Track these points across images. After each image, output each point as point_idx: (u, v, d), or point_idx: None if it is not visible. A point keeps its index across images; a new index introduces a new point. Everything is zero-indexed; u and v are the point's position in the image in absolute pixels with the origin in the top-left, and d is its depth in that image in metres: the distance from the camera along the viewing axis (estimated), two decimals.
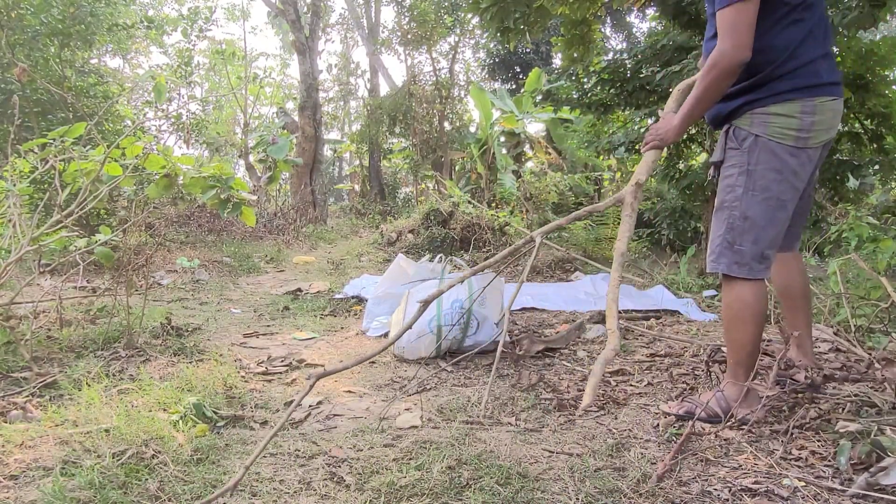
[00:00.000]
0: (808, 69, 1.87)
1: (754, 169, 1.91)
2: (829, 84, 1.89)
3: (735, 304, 1.95)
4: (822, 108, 1.87)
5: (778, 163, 1.89)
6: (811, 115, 1.86)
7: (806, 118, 1.86)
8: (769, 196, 1.90)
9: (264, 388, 2.45)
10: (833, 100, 1.90)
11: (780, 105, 1.87)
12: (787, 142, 1.88)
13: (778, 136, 1.88)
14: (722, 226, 1.99)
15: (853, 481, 1.53)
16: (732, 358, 1.99)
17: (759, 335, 1.94)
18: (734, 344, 1.98)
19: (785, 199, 1.91)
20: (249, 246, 8.22)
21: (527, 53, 15.38)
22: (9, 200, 3.08)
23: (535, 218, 8.54)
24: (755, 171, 1.91)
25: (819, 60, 1.88)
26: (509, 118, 11.72)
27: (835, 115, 1.92)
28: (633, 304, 4.33)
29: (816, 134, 1.89)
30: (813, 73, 1.88)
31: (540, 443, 1.86)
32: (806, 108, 1.87)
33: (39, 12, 7.10)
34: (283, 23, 16.98)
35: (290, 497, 1.52)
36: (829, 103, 1.88)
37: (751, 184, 1.92)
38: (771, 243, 1.94)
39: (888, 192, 8.50)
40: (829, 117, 1.89)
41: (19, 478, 1.59)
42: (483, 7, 4.83)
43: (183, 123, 11.01)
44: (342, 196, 21.94)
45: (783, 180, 1.90)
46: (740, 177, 1.94)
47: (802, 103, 1.87)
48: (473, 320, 2.93)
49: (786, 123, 1.87)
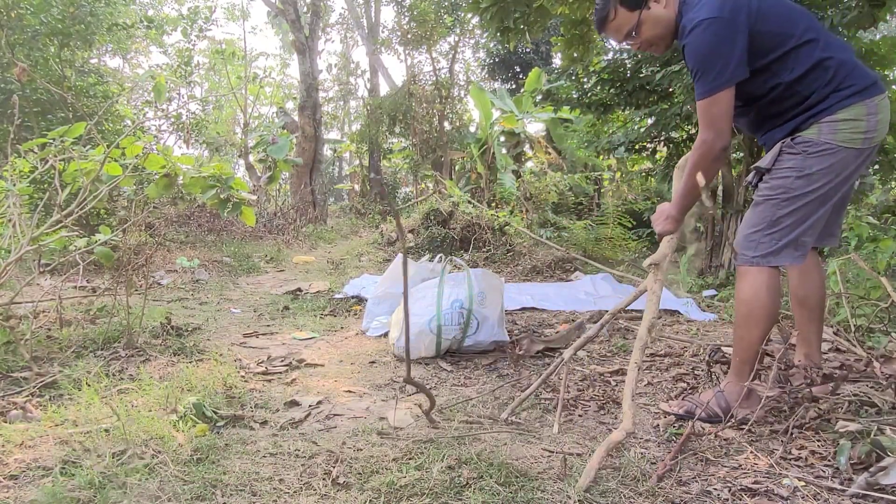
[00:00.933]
0: (858, 72, 1.91)
1: (813, 173, 1.90)
2: (878, 82, 1.92)
3: (751, 301, 1.95)
4: (882, 106, 1.90)
5: (840, 166, 1.90)
6: (875, 114, 1.89)
7: (871, 119, 1.89)
8: (821, 196, 1.92)
9: (264, 388, 2.45)
10: (886, 96, 1.92)
11: (847, 110, 1.88)
12: (856, 145, 1.89)
13: (847, 141, 1.88)
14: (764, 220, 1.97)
15: (853, 481, 1.53)
16: (739, 356, 1.99)
17: (767, 335, 1.94)
18: (742, 342, 1.98)
19: (832, 195, 1.94)
20: (249, 246, 8.22)
21: (527, 53, 15.38)
22: (9, 200, 3.08)
23: (535, 218, 8.54)
24: (813, 174, 1.91)
25: (858, 61, 1.93)
26: (509, 118, 11.71)
27: (888, 110, 1.93)
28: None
29: (879, 132, 1.91)
30: (863, 74, 1.91)
31: (540, 443, 1.86)
32: (870, 108, 1.89)
33: (39, 12, 7.10)
34: (282, 22, 16.98)
35: (290, 497, 1.52)
36: (884, 101, 1.91)
37: (808, 186, 1.91)
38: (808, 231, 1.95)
39: (888, 192, 8.50)
40: (886, 114, 1.92)
41: (19, 477, 1.59)
42: (483, 7, 4.82)
43: (183, 123, 11.01)
44: (342, 196, 21.94)
45: (842, 182, 1.93)
46: (798, 180, 1.92)
47: (867, 105, 1.88)
48: (473, 320, 2.93)
49: (854, 127, 1.88)
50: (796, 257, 1.95)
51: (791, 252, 1.95)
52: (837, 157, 1.89)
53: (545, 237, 7.54)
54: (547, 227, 8.30)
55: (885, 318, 2.97)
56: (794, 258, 1.95)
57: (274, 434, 1.93)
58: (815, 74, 1.91)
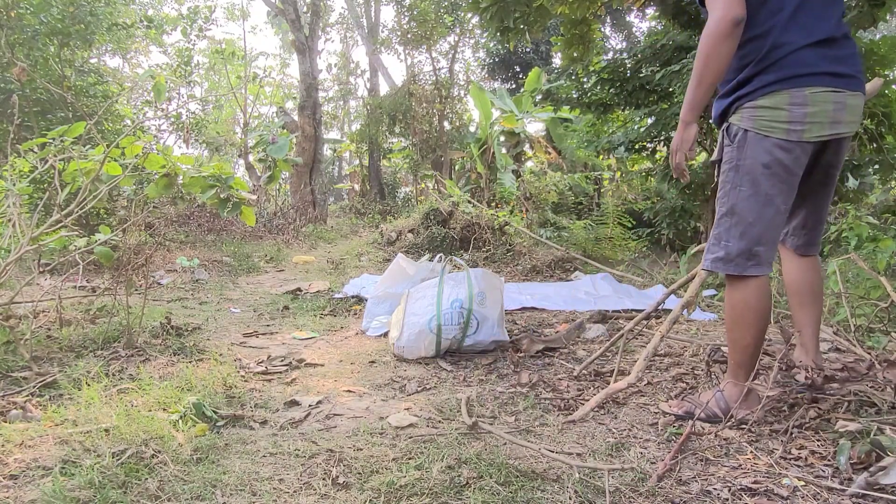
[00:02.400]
0: (794, 58, 1.79)
1: (742, 163, 1.85)
2: (826, 74, 1.78)
3: (738, 305, 1.91)
4: (816, 99, 1.78)
5: (766, 157, 1.82)
6: (803, 106, 1.78)
7: (796, 109, 1.78)
8: (757, 191, 1.84)
9: (264, 388, 2.45)
10: (833, 91, 1.78)
11: (768, 97, 1.81)
12: (777, 135, 1.80)
13: (766, 129, 1.81)
14: (716, 224, 1.96)
15: (853, 481, 1.53)
16: (734, 358, 1.97)
17: (761, 336, 1.91)
18: (736, 345, 1.94)
19: (773, 195, 1.83)
20: (249, 245, 8.22)
21: (526, 53, 15.38)
22: (8, 200, 3.08)
23: (535, 217, 8.54)
24: (743, 165, 1.85)
25: (807, 49, 1.79)
26: (509, 118, 11.71)
27: (839, 108, 1.80)
28: (632, 303, 4.33)
29: (812, 127, 1.79)
30: (799, 61, 1.78)
31: (540, 442, 1.86)
32: (795, 98, 1.78)
33: (39, 12, 7.10)
34: (282, 22, 16.97)
35: (289, 497, 1.52)
36: (826, 94, 1.78)
37: (738, 179, 1.86)
38: (760, 240, 1.86)
39: (888, 192, 8.50)
40: (829, 109, 1.78)
41: (19, 477, 1.59)
42: (483, 6, 4.82)
43: (182, 123, 11.01)
44: (342, 196, 21.94)
45: (771, 175, 1.82)
46: (730, 172, 1.89)
47: (790, 94, 1.78)
48: (473, 320, 2.93)
49: (773, 116, 1.80)
50: (750, 267, 1.86)
51: (743, 262, 1.87)
52: (757, 145, 1.82)
53: (545, 237, 7.54)
54: (547, 227, 8.30)
55: (884, 317, 2.97)
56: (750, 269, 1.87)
57: (274, 434, 1.93)
58: (753, 45, 1.83)
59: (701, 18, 5.20)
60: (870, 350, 2.68)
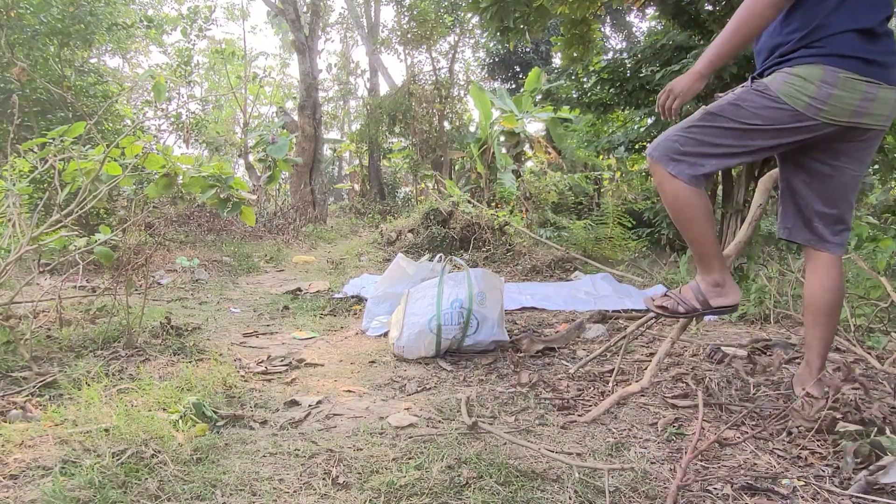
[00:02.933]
0: (837, 39, 1.77)
1: (745, 106, 1.85)
2: (864, 61, 1.76)
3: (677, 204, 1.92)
4: (846, 84, 1.76)
5: (773, 117, 1.82)
6: (832, 86, 1.76)
7: (824, 88, 1.76)
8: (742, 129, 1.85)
9: (264, 388, 2.45)
10: (866, 81, 1.76)
11: (804, 67, 1.79)
12: (796, 105, 1.79)
13: (787, 96, 1.80)
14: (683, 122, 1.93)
15: (853, 481, 1.53)
16: (695, 254, 2.00)
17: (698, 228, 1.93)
18: (694, 241, 1.98)
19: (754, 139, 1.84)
20: (249, 245, 8.22)
21: (526, 53, 15.38)
22: (8, 200, 3.08)
23: (535, 217, 8.54)
24: (744, 108, 1.85)
25: (850, 34, 1.77)
26: (509, 118, 11.72)
27: (868, 98, 1.77)
28: (632, 303, 4.33)
29: (832, 109, 1.77)
30: (842, 43, 1.77)
31: (540, 442, 1.86)
32: (828, 76, 1.76)
33: (39, 11, 7.10)
34: (282, 22, 16.97)
35: (289, 497, 1.52)
36: (857, 83, 1.76)
37: (734, 114, 1.85)
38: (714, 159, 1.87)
39: (888, 192, 8.50)
40: (856, 98, 1.76)
41: (19, 477, 1.59)
42: (483, 6, 4.83)
43: (182, 123, 11.01)
44: (342, 196, 21.94)
45: (770, 133, 1.84)
46: (729, 105, 1.87)
47: (825, 70, 1.77)
48: (473, 320, 2.92)
49: (802, 86, 1.78)
50: (686, 174, 1.87)
51: (684, 166, 1.87)
52: (773, 105, 1.82)
53: (545, 237, 7.54)
54: (547, 227, 8.30)
55: (884, 317, 2.97)
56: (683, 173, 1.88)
57: (274, 434, 1.93)
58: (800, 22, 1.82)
59: (701, 18, 5.20)
60: (870, 350, 2.69)
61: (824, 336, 2.00)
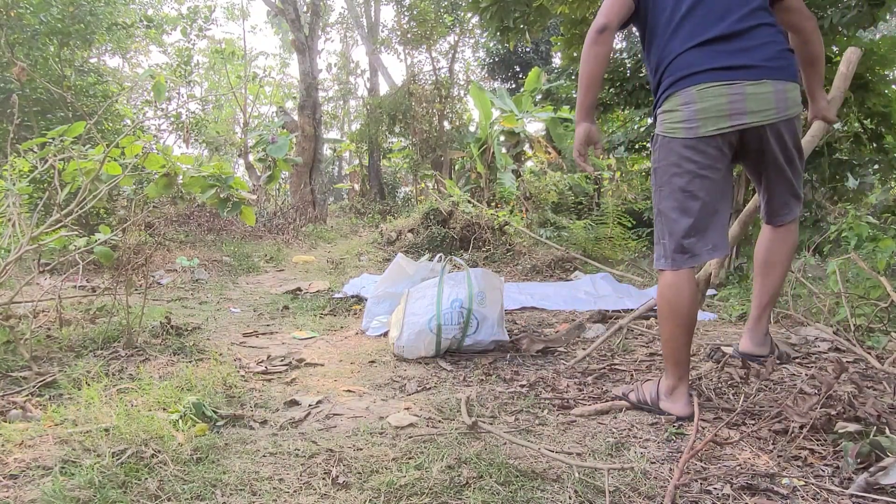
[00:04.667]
0: (678, 61, 1.91)
1: (658, 166, 2.00)
2: (715, 69, 1.85)
3: (658, 300, 2.03)
4: (704, 95, 1.86)
5: (674, 157, 1.94)
6: (692, 103, 1.88)
7: (687, 108, 1.89)
8: (673, 189, 1.96)
9: (264, 388, 2.45)
10: (724, 84, 1.85)
11: (667, 101, 1.95)
12: (678, 135, 1.92)
13: (670, 131, 1.94)
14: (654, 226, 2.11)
15: (853, 481, 1.53)
16: (664, 351, 2.06)
17: (676, 333, 1.98)
18: (661, 337, 2.07)
19: (692, 190, 1.93)
20: (249, 245, 8.22)
21: (526, 53, 15.37)
22: (8, 200, 3.08)
23: (535, 217, 8.54)
24: (659, 168, 2.00)
25: (691, 51, 1.89)
26: (509, 117, 11.71)
27: (737, 99, 1.85)
28: (632, 303, 4.33)
29: (705, 122, 1.87)
30: (684, 64, 1.90)
31: (540, 442, 1.86)
32: (685, 98, 1.89)
33: (39, 11, 7.10)
34: (282, 22, 16.96)
35: (289, 497, 1.52)
36: (716, 88, 1.85)
37: (657, 180, 2.01)
38: (688, 233, 1.95)
39: (888, 192, 8.50)
40: (722, 102, 1.85)
41: (19, 477, 1.59)
42: (483, 6, 4.82)
43: (182, 122, 11.01)
44: (342, 195, 21.94)
45: (683, 172, 1.93)
46: (652, 176, 2.04)
47: (680, 95, 1.90)
48: (473, 319, 2.93)
49: (672, 118, 1.93)
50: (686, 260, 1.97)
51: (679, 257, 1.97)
52: (666, 147, 1.95)
53: (545, 237, 7.54)
54: (547, 227, 8.30)
55: (884, 317, 2.98)
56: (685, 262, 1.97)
57: (274, 434, 1.93)
58: (656, 59, 1.99)
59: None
60: (870, 350, 2.69)
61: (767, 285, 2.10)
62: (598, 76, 2.01)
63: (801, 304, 3.62)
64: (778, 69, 1.87)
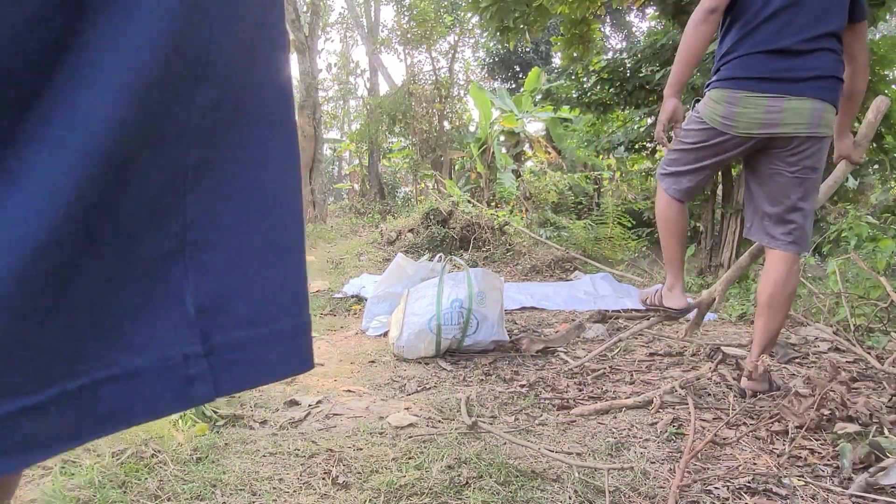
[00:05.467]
0: (741, 62, 2.04)
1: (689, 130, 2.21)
2: (765, 80, 2.00)
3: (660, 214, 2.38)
4: (746, 102, 2.02)
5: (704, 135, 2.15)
6: (733, 105, 2.04)
7: (728, 107, 2.05)
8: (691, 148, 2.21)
9: (264, 388, 2.45)
10: (768, 96, 1.99)
11: (714, 91, 2.11)
12: (714, 124, 2.11)
13: (707, 117, 2.13)
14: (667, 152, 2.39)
15: (852, 481, 1.53)
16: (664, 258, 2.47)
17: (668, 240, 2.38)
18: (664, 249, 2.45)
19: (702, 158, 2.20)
20: None
21: (526, 52, 15.39)
22: None
23: (535, 217, 8.54)
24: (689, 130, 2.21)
25: (755, 56, 2.01)
26: (509, 117, 11.71)
27: (774, 111, 1.99)
28: (632, 303, 4.33)
29: (739, 125, 2.04)
30: (744, 65, 2.03)
31: (539, 442, 1.86)
32: (730, 98, 2.05)
33: None
34: None
35: (289, 496, 1.52)
36: (758, 99, 2.00)
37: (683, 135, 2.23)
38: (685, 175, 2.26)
39: (887, 192, 8.51)
40: (759, 112, 2.00)
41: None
42: (483, 6, 4.83)
43: None
44: (342, 195, 21.93)
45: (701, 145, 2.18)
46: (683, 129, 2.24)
47: (728, 93, 2.06)
48: (473, 319, 2.92)
49: (713, 108, 2.10)
50: (672, 189, 2.29)
51: (671, 181, 2.30)
52: (701, 126, 2.16)
53: (545, 237, 7.54)
54: (546, 227, 8.30)
55: (884, 317, 2.98)
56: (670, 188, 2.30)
57: (274, 433, 1.93)
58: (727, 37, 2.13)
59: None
60: (870, 350, 2.69)
61: (764, 327, 2.16)
62: (698, 53, 2.09)
63: (801, 304, 3.62)
64: (823, 89, 1.99)
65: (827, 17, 2.00)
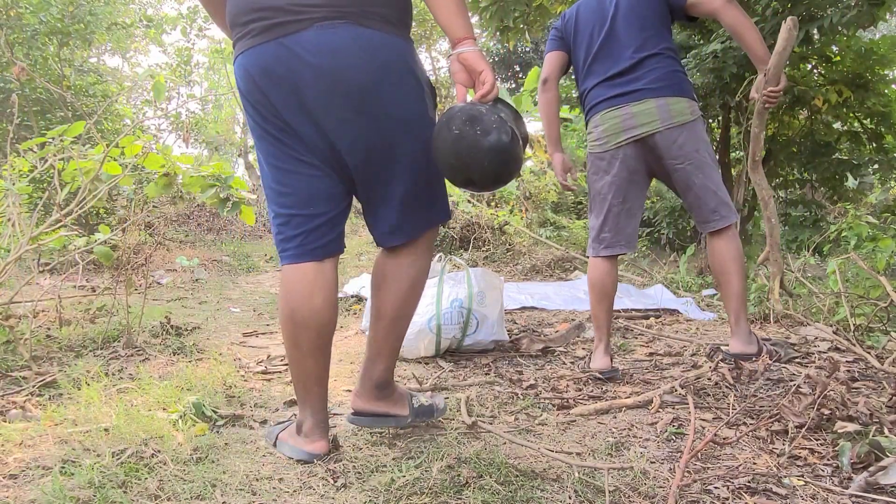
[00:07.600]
0: (588, 96, 2.51)
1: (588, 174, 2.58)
2: (606, 99, 2.43)
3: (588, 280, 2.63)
4: (606, 118, 2.44)
5: (593, 166, 2.53)
6: (599, 125, 2.47)
7: (596, 129, 2.49)
8: (593, 194, 2.55)
9: (264, 387, 2.45)
10: (617, 108, 2.40)
11: (588, 126, 2.53)
12: (594, 150, 2.52)
13: (590, 147, 2.55)
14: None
15: (852, 480, 1.53)
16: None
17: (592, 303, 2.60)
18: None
19: (605, 194, 2.48)
20: (249, 245, 8.23)
21: (526, 52, 15.38)
22: (8, 199, 3.08)
23: (535, 217, 8.54)
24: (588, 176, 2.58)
25: (596, 87, 2.46)
26: None
27: (627, 117, 2.38)
28: (632, 303, 4.33)
29: (609, 137, 2.43)
30: (593, 97, 2.49)
31: (539, 442, 1.86)
32: (594, 122, 2.50)
33: (38, 11, 7.10)
34: None
35: (289, 497, 1.52)
36: (612, 112, 2.41)
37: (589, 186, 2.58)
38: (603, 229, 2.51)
39: (887, 192, 8.51)
40: (617, 122, 2.40)
41: (19, 477, 1.59)
42: (482, 6, 4.83)
43: (182, 122, 11.01)
44: None
45: (598, 179, 2.52)
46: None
47: (592, 120, 2.51)
48: (473, 319, 2.92)
49: (589, 137, 2.54)
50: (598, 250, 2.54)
51: (594, 247, 2.56)
52: (589, 160, 2.55)
53: (545, 236, 7.54)
54: (546, 227, 8.30)
55: (884, 317, 2.98)
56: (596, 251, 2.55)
57: None
58: (578, 92, 2.63)
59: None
60: (869, 350, 2.69)
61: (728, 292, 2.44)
62: (552, 114, 2.66)
63: (800, 303, 3.62)
64: (659, 88, 2.34)
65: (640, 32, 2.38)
